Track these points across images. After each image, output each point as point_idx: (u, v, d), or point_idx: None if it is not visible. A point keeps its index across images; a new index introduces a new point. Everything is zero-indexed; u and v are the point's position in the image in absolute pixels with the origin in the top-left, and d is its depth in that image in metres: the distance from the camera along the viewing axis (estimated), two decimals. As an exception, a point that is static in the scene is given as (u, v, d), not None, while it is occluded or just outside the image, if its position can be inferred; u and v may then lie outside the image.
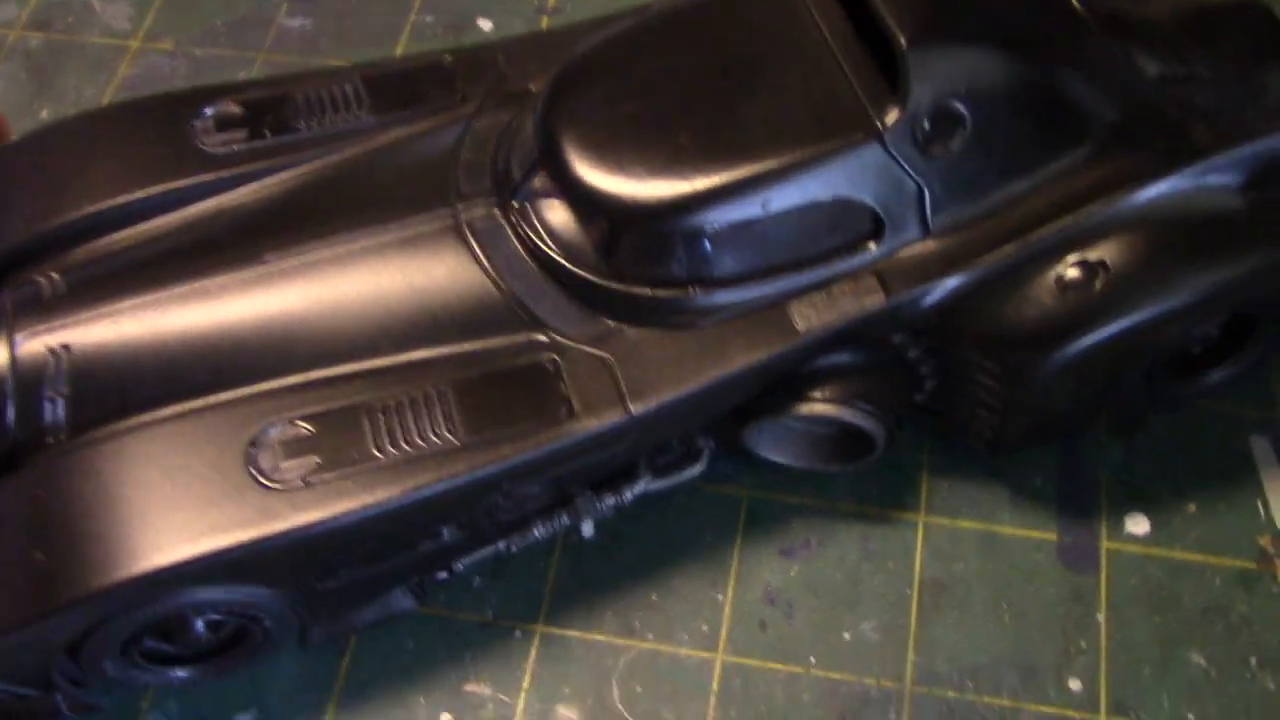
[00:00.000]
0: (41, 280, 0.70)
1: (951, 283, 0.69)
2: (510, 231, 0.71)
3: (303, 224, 0.72)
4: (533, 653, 0.72)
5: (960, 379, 0.72)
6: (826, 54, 0.70)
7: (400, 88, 0.78)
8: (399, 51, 0.98)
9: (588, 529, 0.72)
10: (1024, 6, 0.72)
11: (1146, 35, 0.75)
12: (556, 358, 0.68)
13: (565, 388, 0.67)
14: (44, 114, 0.96)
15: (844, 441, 0.74)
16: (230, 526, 0.63)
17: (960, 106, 0.68)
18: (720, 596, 0.73)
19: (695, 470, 0.73)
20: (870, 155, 0.67)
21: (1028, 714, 0.69)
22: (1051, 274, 0.68)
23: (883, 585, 0.73)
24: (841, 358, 0.70)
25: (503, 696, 0.71)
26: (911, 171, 0.68)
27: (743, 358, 0.68)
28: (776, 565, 0.74)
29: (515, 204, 0.71)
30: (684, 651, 0.72)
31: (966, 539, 0.75)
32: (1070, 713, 0.69)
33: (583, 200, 0.69)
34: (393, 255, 0.70)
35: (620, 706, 0.70)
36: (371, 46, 0.98)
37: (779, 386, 0.70)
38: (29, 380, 0.66)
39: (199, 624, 0.66)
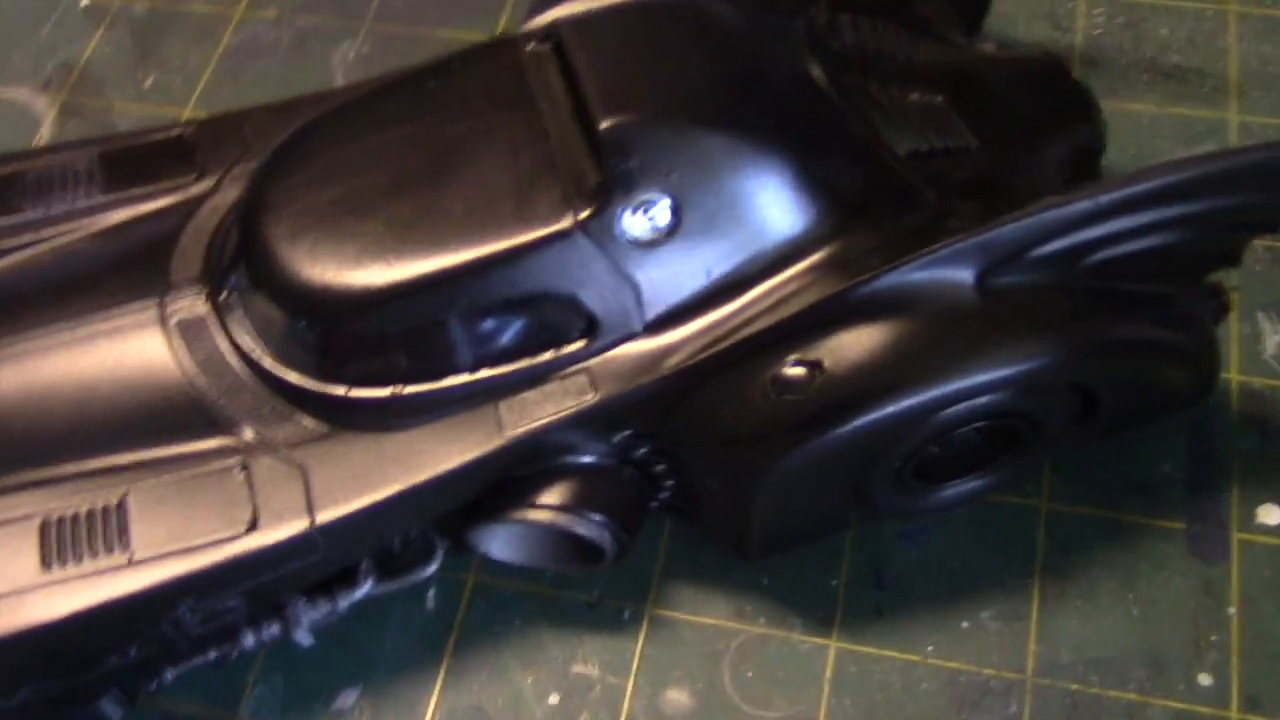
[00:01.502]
0: None
1: (663, 382, 0.63)
2: (216, 325, 0.67)
3: (10, 315, 0.68)
4: (641, 635, 0.71)
5: (690, 481, 0.67)
6: (540, 135, 0.65)
7: (135, 163, 0.74)
8: (503, 21, 0.97)
9: (304, 637, 0.67)
10: (752, 80, 0.66)
11: (902, 109, 0.70)
12: (248, 464, 0.64)
13: (251, 496, 0.63)
14: (148, 82, 0.96)
15: (572, 547, 0.69)
16: None
17: (667, 193, 0.62)
18: (834, 581, 0.71)
19: (428, 570, 0.68)
20: (573, 246, 0.62)
21: (1155, 709, 0.66)
22: (770, 372, 0.62)
23: (1002, 572, 0.71)
24: (565, 459, 0.66)
25: (611, 678, 0.69)
26: (618, 263, 0.63)
27: (443, 463, 0.63)
28: (892, 549, 0.72)
29: (224, 295, 0.67)
30: (797, 636, 0.70)
31: (1090, 526, 0.72)
32: (1200, 708, 0.66)
33: (278, 293, 0.65)
34: (88, 351, 0.67)
35: (731, 692, 0.69)
36: (477, 15, 0.97)
37: (498, 490, 0.66)
38: None
39: None
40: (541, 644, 0.71)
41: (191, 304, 0.68)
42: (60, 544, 0.62)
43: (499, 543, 0.70)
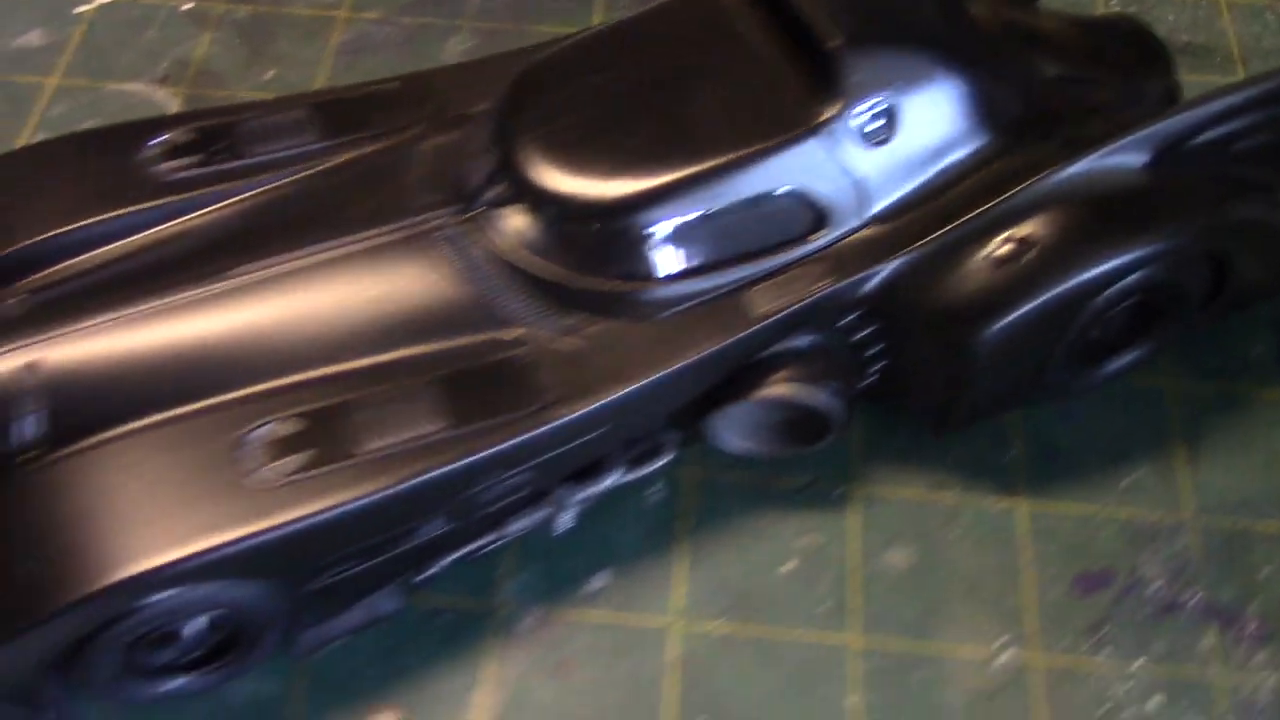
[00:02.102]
0: (9, 303, 0.72)
1: (892, 266, 0.75)
2: (472, 237, 0.75)
3: (265, 240, 0.75)
4: (854, 509, 0.79)
5: (906, 359, 0.78)
6: (760, 60, 0.76)
7: (348, 114, 0.83)
8: (595, 15, 1.07)
9: (565, 521, 0.75)
10: (934, 17, 0.80)
11: (1042, 43, 0.85)
12: (528, 353, 0.72)
13: (539, 380, 0.71)
14: (268, 75, 1.01)
15: (797, 427, 0.79)
16: (219, 526, 0.64)
17: (889, 102, 0.74)
18: (1010, 454, 0.81)
19: (662, 462, 0.77)
20: (811, 149, 0.73)
21: (1295, 537, 0.79)
22: (983, 252, 0.75)
23: (1148, 440, 0.82)
24: (794, 343, 0.75)
25: (836, 546, 0.77)
26: (849, 164, 0.75)
27: (705, 344, 0.72)
28: (1052, 427, 0.82)
29: (476, 211, 0.76)
30: (989, 501, 0.79)
31: (1209, 398, 0.84)
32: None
33: (545, 202, 0.74)
34: (360, 264, 0.74)
35: (944, 549, 0.77)
36: (569, 13, 1.06)
37: (738, 373, 0.75)
38: (4, 399, 0.67)
39: (189, 629, 0.67)
40: (766, 523, 0.79)
41: (448, 222, 0.75)
42: (375, 426, 0.67)
43: (730, 430, 0.78)
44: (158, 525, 0.64)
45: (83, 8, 1.06)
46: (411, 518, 0.69)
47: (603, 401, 0.70)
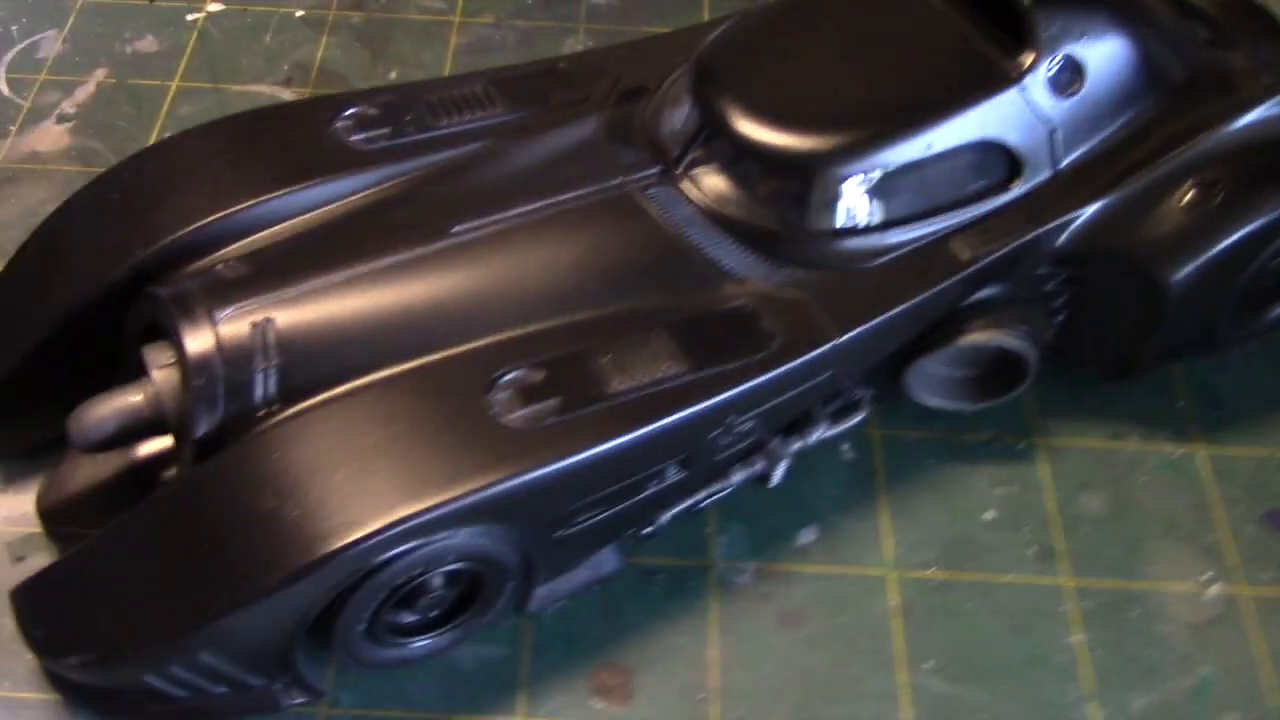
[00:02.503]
0: (219, 268, 0.73)
1: (1088, 212, 0.78)
2: (679, 195, 0.78)
3: (479, 201, 0.76)
4: (1041, 460, 0.81)
5: (1093, 307, 0.81)
6: (950, 20, 0.80)
7: (527, 88, 0.85)
8: (705, 16, 1.09)
9: (779, 473, 0.77)
10: None
11: (1191, 11, 0.88)
12: (750, 302, 0.73)
13: (766, 326, 0.73)
14: (393, 74, 1.02)
15: (986, 381, 0.81)
16: (486, 468, 0.64)
17: (1079, 55, 0.79)
18: (1178, 404, 0.84)
19: (859, 417, 0.79)
20: (1008, 100, 0.76)
21: None
22: (1174, 197, 0.79)
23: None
24: (991, 293, 0.78)
25: (1031, 494, 0.79)
26: (1042, 114, 0.78)
27: (916, 291, 0.75)
28: (1211, 377, 0.85)
29: (680, 171, 0.78)
30: (1167, 448, 0.81)
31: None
32: None
33: (757, 157, 0.76)
34: (575, 220, 0.76)
35: (1133, 493, 0.79)
36: (677, 14, 1.08)
37: (940, 322, 0.78)
38: (236, 357, 0.67)
39: (437, 580, 0.67)
40: (959, 475, 0.80)
41: (653, 181, 0.76)
42: (619, 372, 0.68)
43: (922, 386, 0.79)
44: (420, 470, 0.63)
45: (194, 15, 1.07)
46: (656, 462, 0.69)
47: (829, 346, 0.71)
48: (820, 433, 0.76)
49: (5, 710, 0.69)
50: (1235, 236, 0.76)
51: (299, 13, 1.07)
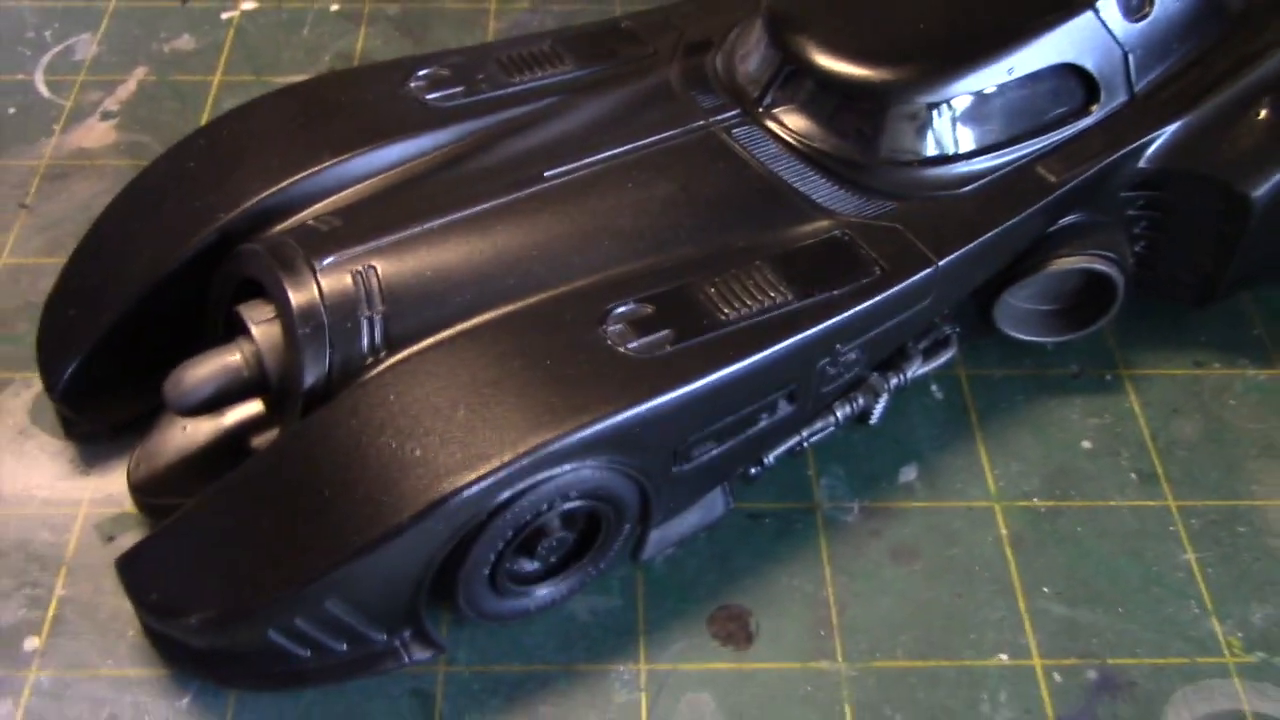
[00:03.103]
0: (312, 223, 0.72)
1: (1169, 131, 0.79)
2: (766, 133, 0.78)
3: (563, 147, 0.77)
4: (1129, 390, 0.81)
5: (1177, 227, 0.81)
6: None
7: (595, 45, 0.85)
8: (741, -8, 1.10)
9: (879, 410, 0.76)
10: None
11: None
12: (846, 232, 0.74)
13: (866, 254, 0.72)
14: (435, 61, 1.02)
15: (1071, 314, 0.82)
16: (610, 396, 0.63)
17: None
18: (1254, 332, 0.84)
19: (949, 354, 0.79)
20: (1085, 24, 0.77)
21: None
22: (1249, 115, 0.79)
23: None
24: (1074, 219, 0.78)
25: (1125, 423, 0.79)
26: (1116, 37, 0.79)
27: (1011, 213, 0.75)
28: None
29: (763, 110, 0.79)
30: (1251, 373, 0.82)
31: None
32: None
33: (841, 91, 0.76)
34: (664, 162, 0.76)
35: (1225, 417, 0.79)
36: (711, -9, 1.09)
37: (1028, 252, 0.78)
38: (340, 305, 0.66)
39: (556, 523, 0.66)
40: (1051, 409, 0.80)
41: (736, 121, 0.77)
42: (726, 302, 0.67)
43: (1011, 318, 0.80)
44: (543, 401, 0.62)
45: (229, 14, 1.06)
46: (768, 391, 0.68)
47: (931, 269, 0.71)
48: (915, 368, 0.76)
49: (112, 688, 0.67)
50: None
51: (334, 7, 1.07)
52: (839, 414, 0.73)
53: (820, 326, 0.68)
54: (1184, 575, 0.72)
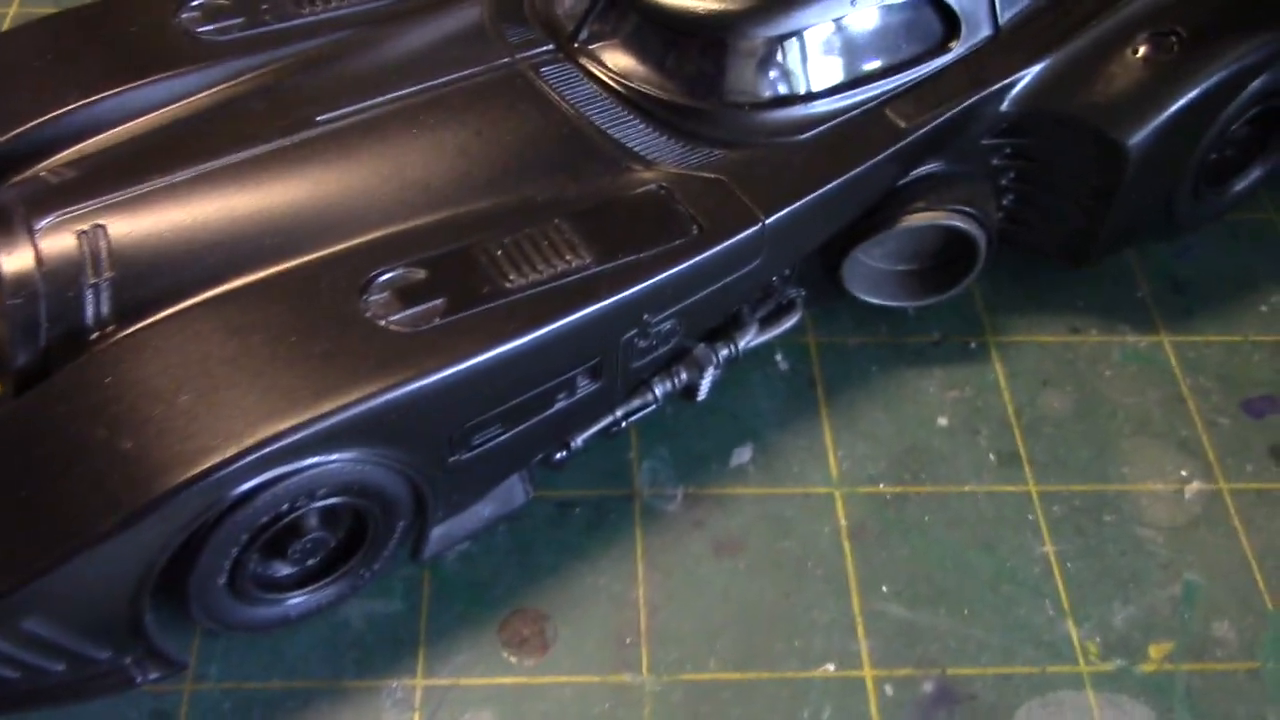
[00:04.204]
0: (43, 175, 0.63)
1: (1035, 70, 0.70)
2: (580, 72, 0.69)
3: (350, 86, 0.67)
4: (995, 358, 0.73)
5: (1048, 178, 0.73)
6: None
7: None
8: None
9: (706, 385, 0.68)
10: None
11: None
12: (664, 185, 0.64)
13: (683, 210, 0.64)
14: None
15: (930, 275, 0.74)
16: (361, 378, 0.54)
17: None
18: (1138, 293, 0.76)
19: (792, 320, 0.71)
20: None
21: None
22: (1127, 51, 0.71)
23: (1274, 267, 0.78)
24: (932, 168, 0.70)
25: (987, 396, 0.71)
26: None
27: (853, 164, 0.66)
28: (1173, 264, 0.77)
29: (579, 45, 0.69)
30: (1131, 338, 0.74)
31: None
32: None
33: (666, 26, 0.67)
34: (459, 104, 0.67)
35: (1098, 387, 0.71)
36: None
37: (878, 206, 0.70)
38: (59, 272, 0.58)
39: (313, 521, 0.57)
40: (906, 380, 0.71)
41: (549, 58, 0.67)
42: (515, 264, 0.59)
43: (861, 280, 0.71)
44: (283, 385, 0.54)
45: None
46: (563, 370, 0.60)
47: (755, 228, 0.62)
48: (750, 338, 0.68)
49: None
50: (1195, 91, 0.68)
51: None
52: (657, 391, 0.65)
53: (622, 295, 0.59)
54: (1040, 571, 0.64)
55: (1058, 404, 0.71)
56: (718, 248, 0.61)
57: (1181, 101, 0.68)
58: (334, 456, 0.54)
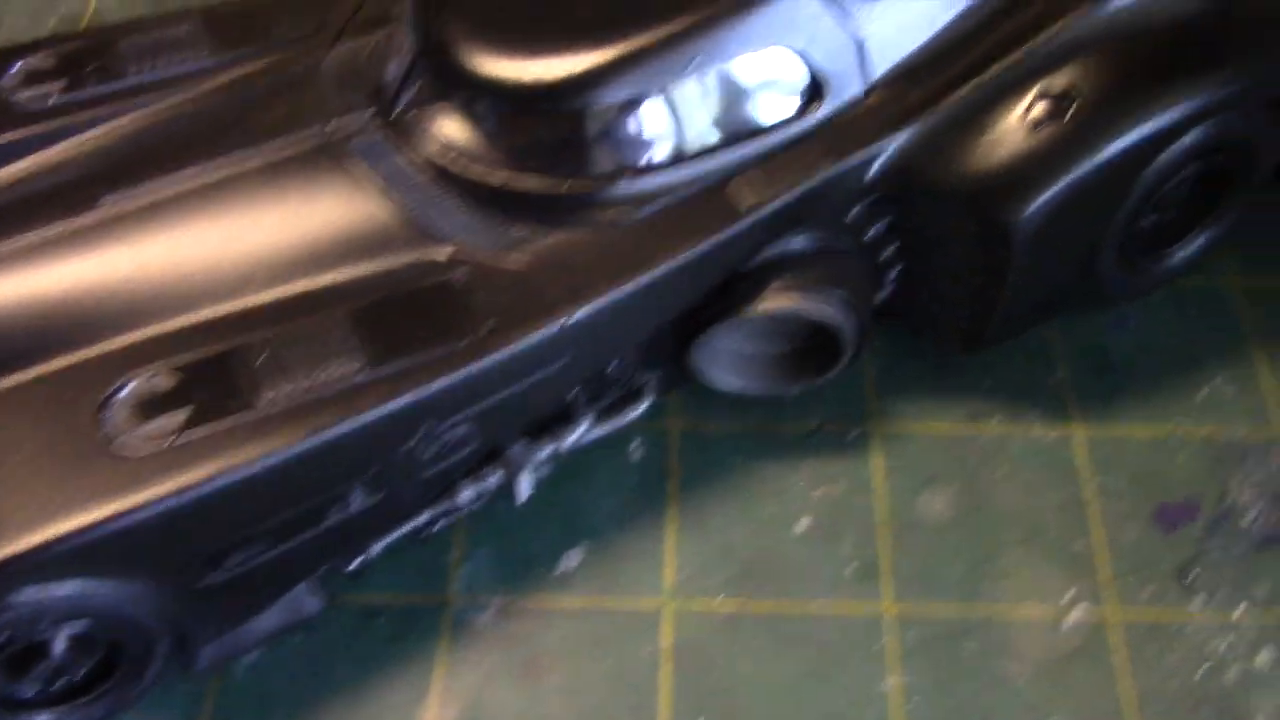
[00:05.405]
0: None
1: (905, 136, 0.61)
2: (395, 144, 0.62)
3: (144, 164, 0.62)
4: (877, 451, 0.65)
5: (927, 259, 0.64)
6: None
7: (246, 24, 0.69)
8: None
9: (524, 488, 0.61)
10: None
11: None
12: (465, 273, 0.58)
13: (479, 304, 0.57)
14: (168, 23, 0.89)
15: (800, 355, 0.65)
16: (83, 503, 0.51)
17: None
18: (1056, 374, 0.67)
19: (639, 409, 0.64)
20: (798, 2, 0.60)
21: None
22: (1015, 113, 0.61)
23: (1218, 343, 0.68)
24: (794, 246, 0.62)
25: (859, 496, 0.63)
26: (844, 18, 0.61)
27: (677, 250, 0.58)
28: (1104, 338, 0.68)
29: (396, 114, 0.62)
30: (1038, 430, 0.65)
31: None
32: None
33: (480, 91, 0.60)
34: (258, 182, 0.61)
35: (988, 491, 0.63)
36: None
37: (727, 286, 0.61)
38: None
39: (58, 647, 0.53)
40: (771, 476, 0.65)
41: (363, 127, 0.62)
42: (277, 372, 0.54)
43: (718, 364, 0.64)
44: (6, 508, 0.50)
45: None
46: (329, 485, 0.55)
47: (555, 327, 0.56)
48: (581, 433, 0.62)
49: None
50: (1091, 165, 0.59)
51: (76, -44, 0.95)
52: (465, 495, 0.60)
53: (390, 406, 0.54)
54: (876, 711, 0.57)
55: (939, 506, 0.63)
56: (507, 352, 0.55)
57: (1077, 173, 0.59)
58: (52, 587, 0.50)
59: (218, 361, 0.54)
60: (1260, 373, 0.67)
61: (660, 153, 0.60)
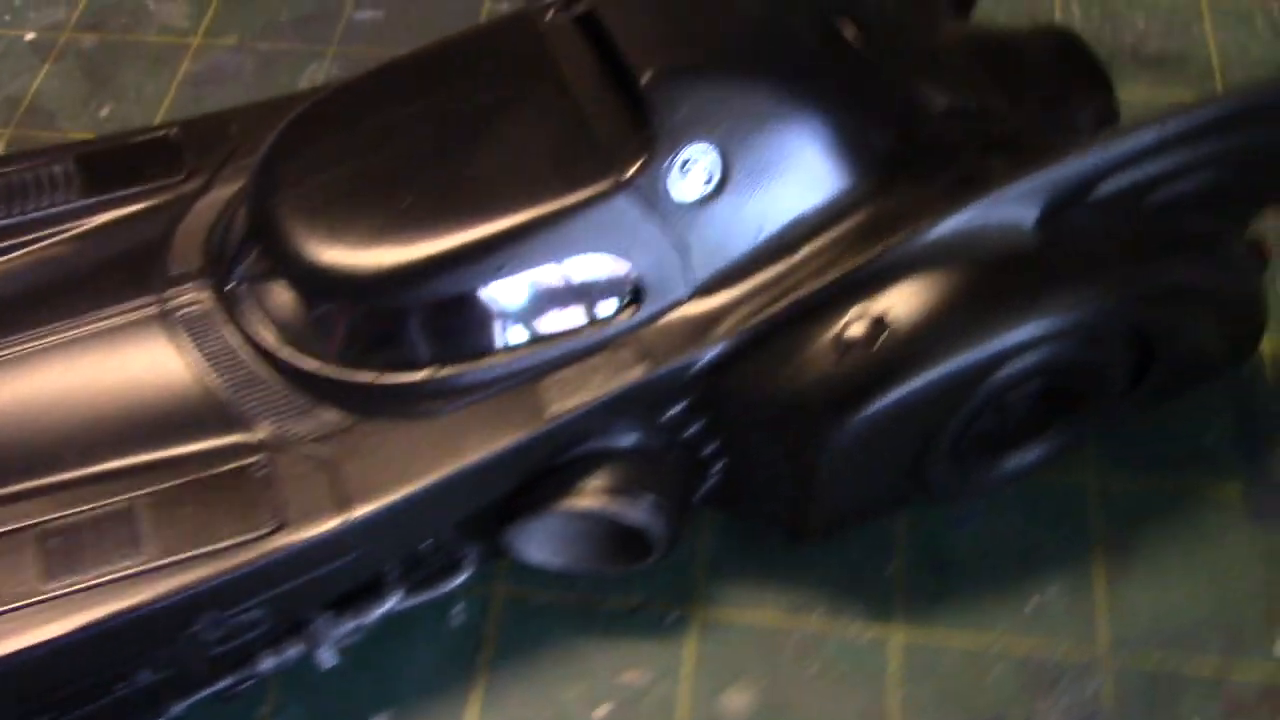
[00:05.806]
0: None
1: (717, 349, 0.60)
2: (224, 318, 0.62)
3: None
4: (691, 638, 0.66)
5: (746, 456, 0.64)
6: (569, 101, 0.62)
7: (117, 165, 0.69)
8: (476, 37, 0.95)
9: (328, 658, 0.62)
10: (788, 37, 0.64)
11: (934, 68, 0.68)
12: (268, 461, 0.58)
13: (276, 495, 0.58)
14: (104, 112, 0.91)
15: (618, 540, 0.65)
16: None
17: (714, 149, 0.60)
18: (889, 569, 0.67)
19: (457, 580, 0.64)
20: (618, 208, 0.59)
21: (1236, 681, 0.63)
22: (831, 331, 0.60)
23: (1061, 550, 0.67)
24: (608, 443, 0.61)
25: (663, 685, 0.64)
26: (666, 224, 0.60)
27: (481, 449, 0.59)
28: (945, 534, 0.68)
29: (231, 286, 0.63)
30: (857, 628, 0.65)
31: (1143, 500, 0.68)
32: (1281, 676, 0.64)
33: (298, 276, 0.61)
34: (80, 352, 0.62)
35: (793, 691, 0.64)
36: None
37: (538, 481, 0.62)
38: None
39: None
40: (583, 654, 0.65)
41: (195, 298, 0.63)
42: (66, 554, 0.56)
43: (536, 544, 0.65)
44: None
45: (-84, 39, 0.98)
46: (110, 666, 0.57)
47: (338, 524, 0.57)
48: (389, 606, 0.63)
49: None
50: (905, 390, 0.59)
51: (29, 35, 0.97)
52: (265, 665, 0.61)
53: (168, 599, 0.55)
54: None
55: (740, 704, 0.64)
56: (289, 550, 0.57)
57: (887, 400, 0.59)
58: None
59: (12, 540, 0.56)
60: (1096, 584, 0.66)
61: (472, 348, 0.60)
